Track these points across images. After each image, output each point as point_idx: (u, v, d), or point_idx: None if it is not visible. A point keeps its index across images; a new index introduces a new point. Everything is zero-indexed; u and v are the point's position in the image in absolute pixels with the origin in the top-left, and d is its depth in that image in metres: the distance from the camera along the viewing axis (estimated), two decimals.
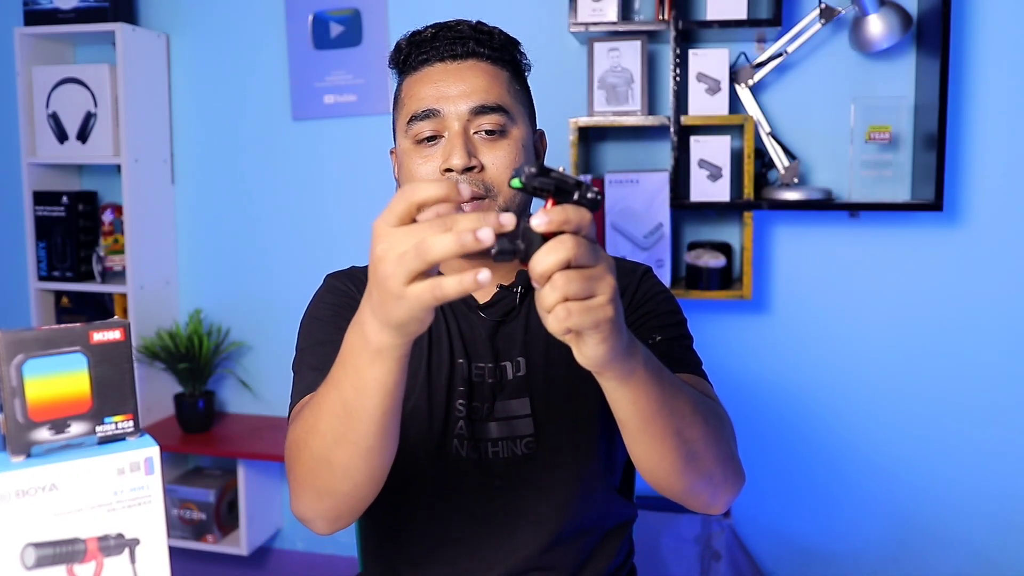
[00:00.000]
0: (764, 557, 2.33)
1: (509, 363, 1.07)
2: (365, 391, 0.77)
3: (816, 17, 2.07)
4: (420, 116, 1.01)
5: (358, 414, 0.78)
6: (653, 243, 2.14)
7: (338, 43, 2.44)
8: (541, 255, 0.65)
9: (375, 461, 0.83)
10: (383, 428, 0.80)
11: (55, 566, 0.64)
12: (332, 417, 0.81)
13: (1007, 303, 2.15)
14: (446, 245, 0.63)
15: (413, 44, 1.07)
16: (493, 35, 1.06)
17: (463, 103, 1.01)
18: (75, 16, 2.43)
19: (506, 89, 1.04)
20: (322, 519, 0.91)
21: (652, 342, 1.05)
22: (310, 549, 2.63)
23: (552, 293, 0.65)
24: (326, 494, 0.87)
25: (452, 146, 0.99)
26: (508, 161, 1.01)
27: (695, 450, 0.87)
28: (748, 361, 2.28)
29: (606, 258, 0.69)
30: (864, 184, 2.11)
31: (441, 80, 1.02)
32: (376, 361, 0.74)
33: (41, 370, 0.65)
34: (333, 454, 0.83)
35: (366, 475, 0.84)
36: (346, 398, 0.78)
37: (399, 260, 0.65)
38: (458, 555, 1.06)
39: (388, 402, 0.78)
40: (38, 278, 2.55)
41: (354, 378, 0.77)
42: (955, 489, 2.22)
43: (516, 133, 1.03)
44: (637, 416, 0.81)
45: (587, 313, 0.67)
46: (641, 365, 0.77)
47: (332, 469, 0.84)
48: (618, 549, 1.13)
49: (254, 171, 2.56)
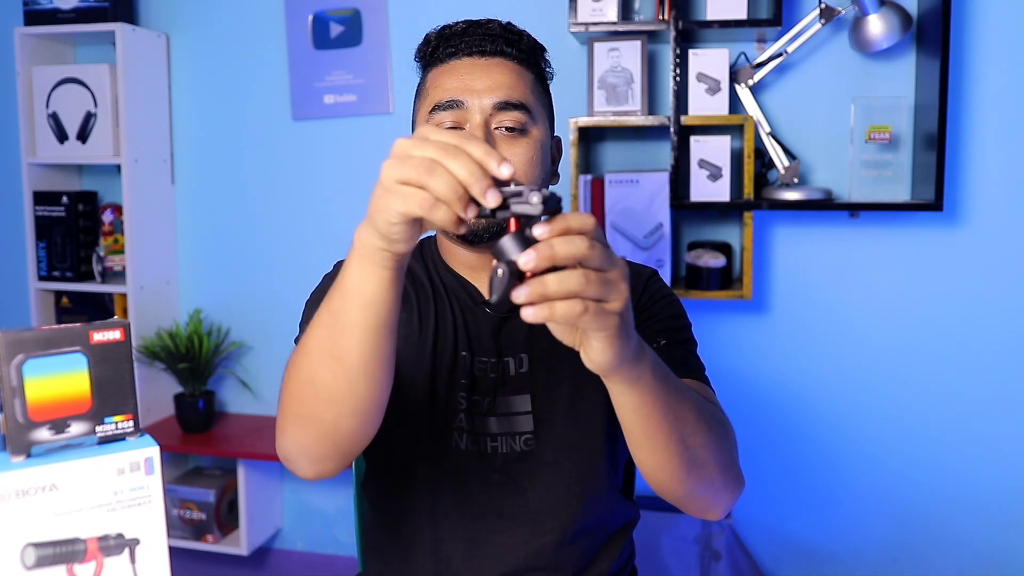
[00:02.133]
0: (764, 557, 2.33)
1: (512, 359, 1.07)
2: (349, 296, 0.76)
3: (816, 17, 2.07)
4: (443, 106, 1.02)
5: (342, 325, 0.78)
6: (653, 243, 2.14)
7: (338, 43, 2.44)
8: (557, 244, 0.64)
9: (360, 385, 0.80)
10: (368, 346, 0.78)
11: (55, 566, 0.64)
12: (320, 329, 0.81)
13: (1007, 303, 2.15)
14: (446, 190, 0.64)
15: (442, 37, 1.07)
16: (522, 37, 1.06)
17: (487, 97, 1.01)
18: (75, 16, 2.43)
19: (530, 89, 1.05)
20: (305, 457, 0.89)
21: (656, 346, 1.05)
22: (310, 549, 2.63)
23: (561, 286, 0.64)
24: (309, 422, 0.85)
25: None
26: (527, 159, 1.01)
27: (697, 456, 0.87)
28: (748, 361, 2.28)
29: (621, 264, 0.68)
30: (864, 184, 2.11)
31: (467, 73, 1.03)
32: (361, 264, 0.75)
33: (41, 370, 0.65)
34: (318, 374, 0.81)
35: (350, 402, 0.82)
36: (333, 307, 0.79)
37: (407, 161, 0.66)
38: (457, 551, 1.06)
39: (371, 314, 0.76)
40: (38, 278, 2.55)
41: (340, 285, 0.77)
42: (956, 488, 2.22)
43: (536, 133, 1.03)
44: (641, 421, 0.81)
45: (597, 317, 0.67)
46: (648, 370, 0.77)
47: (316, 391, 0.82)
48: (620, 551, 1.13)
49: (254, 171, 2.56)
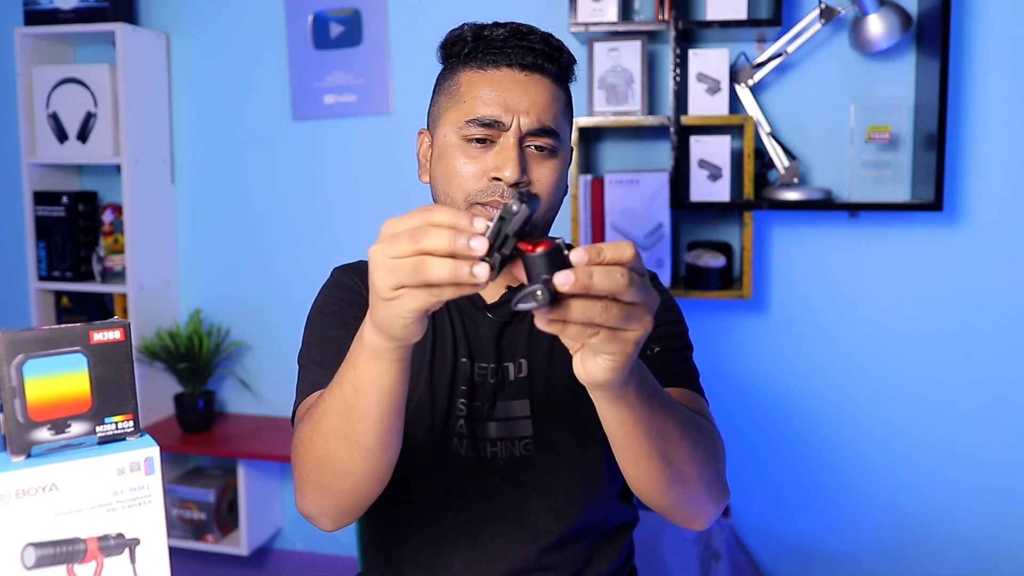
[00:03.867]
0: (764, 557, 2.33)
1: (512, 364, 1.07)
2: (363, 390, 0.78)
3: (816, 17, 2.06)
4: (483, 122, 1.00)
5: (358, 413, 0.80)
6: (653, 243, 2.14)
7: (338, 43, 2.44)
8: (596, 274, 0.62)
9: (377, 461, 0.84)
10: (383, 429, 0.81)
11: (55, 566, 0.64)
12: (335, 415, 0.82)
13: (1007, 303, 2.15)
14: (442, 272, 0.63)
15: (482, 40, 1.04)
16: (563, 52, 1.05)
17: (525, 118, 1.01)
18: (75, 16, 2.43)
19: (562, 111, 1.05)
20: (326, 516, 0.93)
21: (650, 353, 1.05)
22: (310, 549, 2.63)
23: (582, 314, 0.63)
24: (329, 492, 0.89)
25: (507, 158, 0.99)
26: (554, 179, 1.03)
27: (681, 471, 0.87)
28: (748, 361, 2.28)
29: (654, 297, 0.67)
30: (864, 184, 2.11)
31: (508, 89, 1.02)
32: (371, 361, 0.76)
33: (41, 370, 0.65)
34: (335, 453, 0.84)
35: (368, 475, 0.85)
36: (347, 396, 0.80)
37: (394, 268, 0.65)
38: (458, 555, 1.06)
39: (386, 403, 0.78)
40: (38, 278, 2.55)
41: (353, 376, 0.78)
42: (955, 487, 2.22)
43: (562, 155, 1.05)
44: (623, 434, 0.81)
45: (609, 342, 0.66)
46: (633, 389, 0.76)
47: (334, 467, 0.85)
48: (619, 552, 1.13)
49: (254, 171, 2.56)
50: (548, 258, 0.63)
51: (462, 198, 1.01)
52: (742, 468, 2.30)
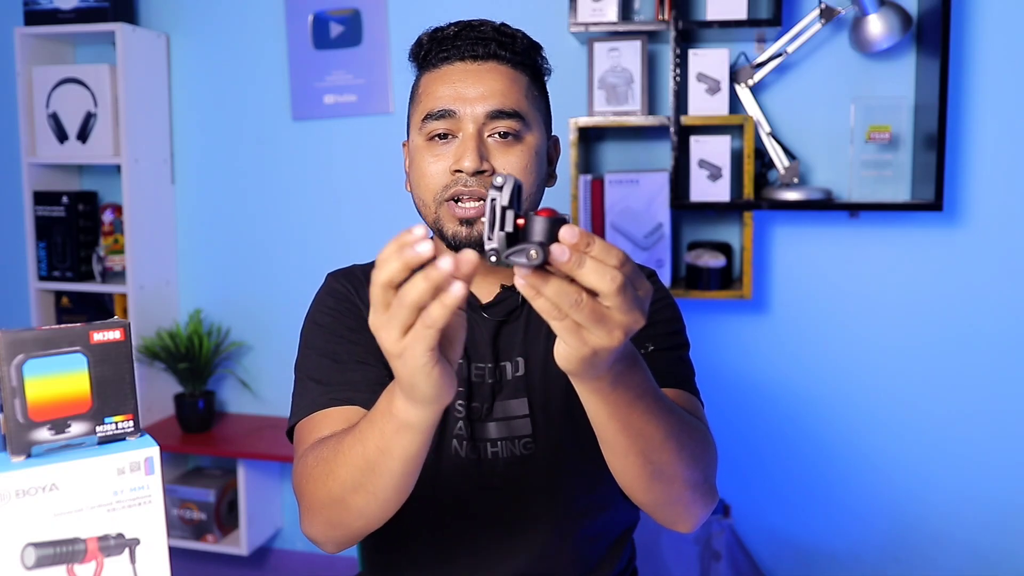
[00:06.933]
0: (764, 557, 2.33)
1: (509, 363, 1.07)
2: (390, 454, 0.78)
3: (816, 17, 2.07)
4: (435, 115, 1.01)
5: (380, 471, 0.80)
6: (653, 243, 2.14)
7: (338, 43, 2.44)
8: (589, 265, 0.61)
9: (392, 506, 0.85)
10: (405, 484, 0.82)
11: (55, 566, 0.64)
12: (355, 469, 0.82)
13: (1007, 303, 2.15)
14: (410, 287, 0.62)
15: (434, 40, 1.05)
16: (516, 38, 1.05)
17: (479, 106, 1.00)
18: (75, 16, 2.43)
19: (524, 94, 1.04)
20: (332, 543, 0.94)
21: (644, 352, 1.03)
22: (310, 549, 2.63)
23: (554, 296, 0.63)
24: (339, 528, 0.90)
25: (464, 148, 0.99)
26: (520, 166, 1.01)
27: (663, 471, 0.85)
28: (748, 361, 2.28)
29: (635, 318, 0.65)
30: (864, 184, 2.11)
31: (459, 80, 1.02)
32: (402, 431, 0.75)
33: (41, 370, 0.65)
34: (350, 499, 0.84)
35: (381, 516, 0.87)
36: (369, 455, 0.79)
37: (384, 322, 0.65)
38: (458, 555, 1.06)
39: (412, 466, 0.79)
40: (38, 278, 2.55)
41: (379, 440, 0.78)
42: (955, 487, 2.22)
43: (531, 139, 1.03)
44: (598, 425, 0.80)
45: (570, 334, 0.65)
46: (607, 385, 0.74)
47: (347, 509, 0.86)
48: (621, 553, 1.13)
49: (254, 171, 2.56)
50: (553, 224, 0.62)
51: (431, 199, 1.01)
52: (742, 468, 2.30)
